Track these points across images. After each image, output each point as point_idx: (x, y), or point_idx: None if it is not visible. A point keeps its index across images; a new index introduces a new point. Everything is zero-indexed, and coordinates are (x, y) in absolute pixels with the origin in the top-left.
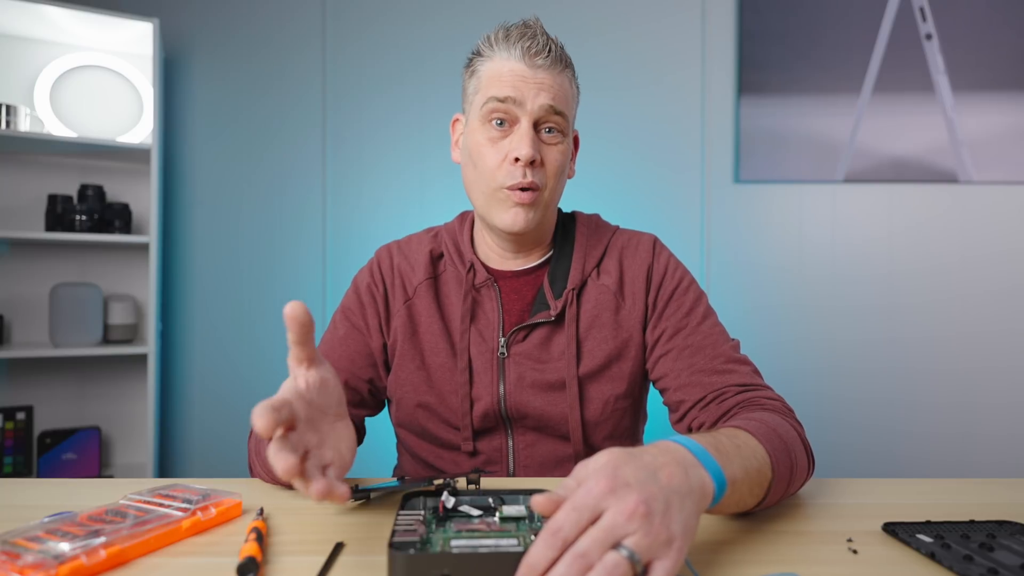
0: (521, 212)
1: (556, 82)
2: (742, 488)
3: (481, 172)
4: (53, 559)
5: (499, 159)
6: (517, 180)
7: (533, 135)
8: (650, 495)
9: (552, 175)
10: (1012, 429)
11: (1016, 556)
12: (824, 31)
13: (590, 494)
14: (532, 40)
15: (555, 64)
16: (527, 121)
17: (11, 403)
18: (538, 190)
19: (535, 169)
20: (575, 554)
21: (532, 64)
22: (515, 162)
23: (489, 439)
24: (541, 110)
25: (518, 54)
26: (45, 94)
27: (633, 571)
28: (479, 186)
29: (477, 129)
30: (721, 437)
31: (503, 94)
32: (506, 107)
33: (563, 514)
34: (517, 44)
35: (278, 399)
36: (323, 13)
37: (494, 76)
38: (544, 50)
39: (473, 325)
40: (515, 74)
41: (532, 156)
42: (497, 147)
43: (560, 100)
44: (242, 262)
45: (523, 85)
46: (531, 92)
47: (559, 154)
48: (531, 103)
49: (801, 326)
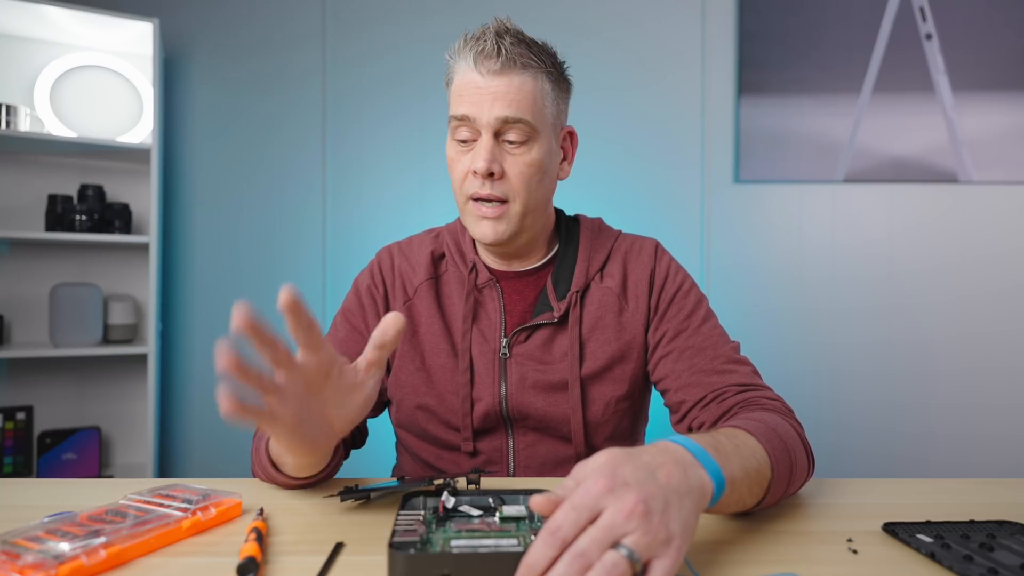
0: (489, 225)
1: (513, 86)
2: (741, 488)
3: (453, 184)
4: (53, 559)
5: (464, 171)
6: (476, 190)
7: (492, 147)
8: (649, 494)
9: (519, 186)
10: (1012, 429)
11: (1016, 556)
12: (824, 31)
13: (589, 494)
14: (482, 45)
15: (508, 67)
16: (487, 134)
17: (11, 403)
18: (505, 202)
19: (495, 182)
20: (574, 553)
21: (484, 71)
22: (475, 174)
23: (490, 439)
24: (497, 122)
25: (470, 62)
26: (45, 94)
27: (632, 570)
28: (456, 197)
29: (449, 143)
30: (720, 437)
31: (460, 112)
32: (465, 124)
33: (562, 514)
34: (470, 52)
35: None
36: (323, 13)
37: (456, 91)
38: (493, 54)
39: (475, 325)
40: (470, 87)
41: (486, 169)
42: (462, 160)
43: (518, 106)
44: (242, 262)
45: (477, 99)
46: (485, 105)
47: (524, 164)
48: (485, 116)
49: (801, 326)
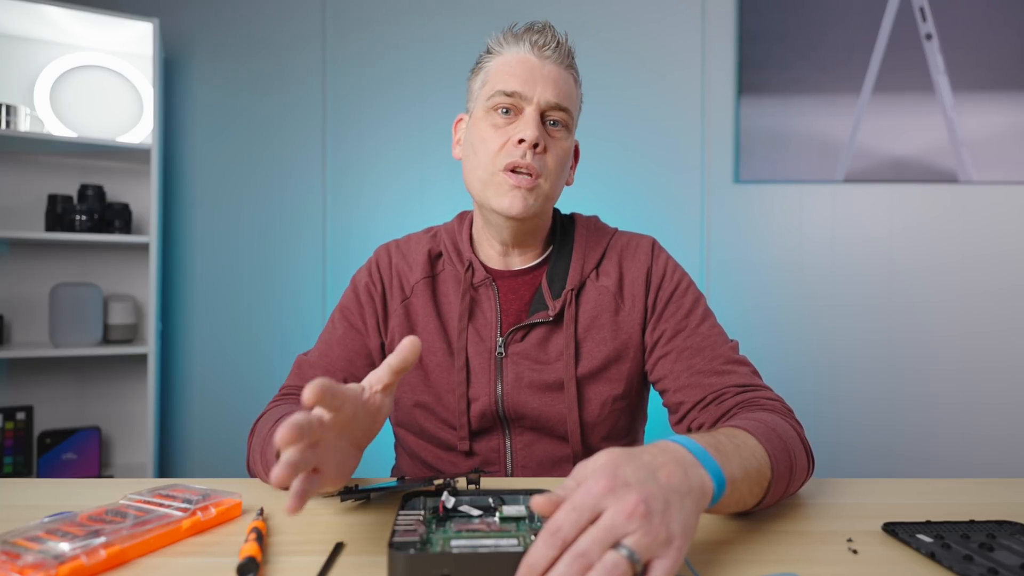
0: (519, 195)
1: (562, 78)
2: (742, 487)
3: (481, 157)
4: (53, 559)
5: (502, 142)
6: (515, 159)
7: (539, 121)
8: (649, 494)
9: (554, 165)
10: (1012, 429)
11: (1016, 556)
12: (824, 31)
13: (589, 494)
14: (541, 34)
15: (561, 61)
16: (533, 111)
17: (11, 403)
18: (538, 177)
19: (537, 155)
20: (575, 554)
21: (540, 55)
22: (518, 144)
23: (487, 439)
24: (547, 103)
25: (527, 47)
26: (45, 94)
27: (633, 570)
28: (478, 172)
29: (481, 118)
30: (720, 437)
31: (510, 88)
32: (512, 100)
33: (563, 514)
34: (525, 38)
35: (311, 420)
36: (323, 13)
37: (503, 68)
38: (552, 44)
39: (471, 324)
40: (523, 64)
41: (536, 138)
42: (501, 132)
43: (565, 97)
44: (242, 262)
45: (530, 77)
46: (539, 84)
47: (561, 148)
48: (539, 95)
49: (801, 326)
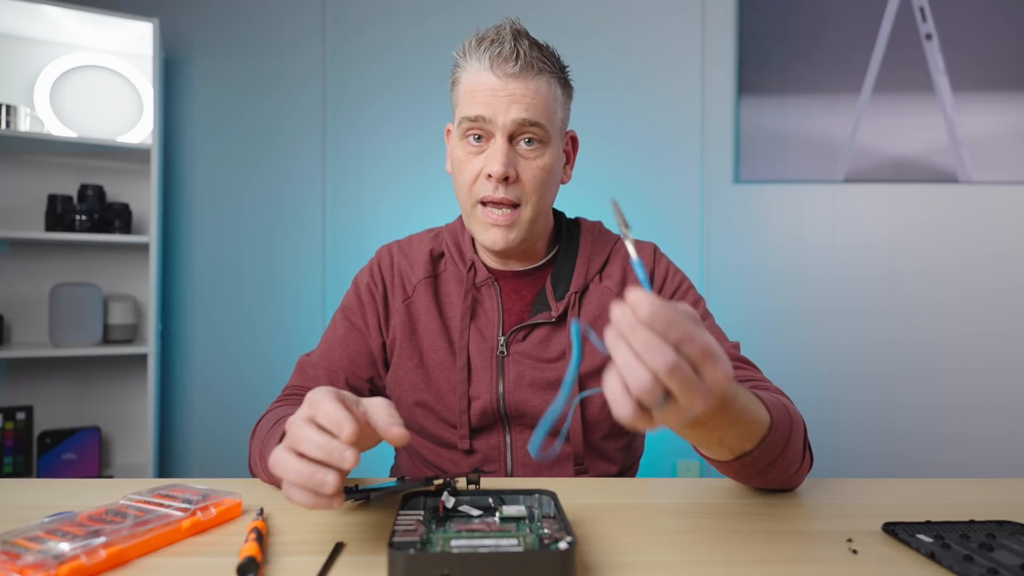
0: (500, 232)
1: (530, 90)
2: (740, 415)
3: (460, 186)
4: (53, 559)
5: (475, 173)
6: (488, 193)
7: (507, 150)
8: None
9: (532, 190)
10: (1012, 429)
11: (1016, 556)
12: (824, 31)
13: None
14: (500, 47)
15: (526, 71)
16: (501, 136)
17: (11, 403)
18: (516, 207)
19: (509, 185)
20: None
21: (502, 74)
22: (488, 178)
23: (487, 437)
24: (514, 124)
25: (487, 64)
26: (45, 94)
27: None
28: (461, 200)
29: (457, 144)
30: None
31: (474, 113)
32: (479, 125)
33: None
34: (485, 53)
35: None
36: (323, 13)
37: (468, 92)
38: (512, 57)
39: (473, 323)
40: (486, 88)
41: (503, 173)
42: (475, 160)
43: (535, 110)
44: (242, 262)
45: (494, 100)
46: (502, 107)
47: (538, 168)
48: (502, 118)
49: (801, 325)
